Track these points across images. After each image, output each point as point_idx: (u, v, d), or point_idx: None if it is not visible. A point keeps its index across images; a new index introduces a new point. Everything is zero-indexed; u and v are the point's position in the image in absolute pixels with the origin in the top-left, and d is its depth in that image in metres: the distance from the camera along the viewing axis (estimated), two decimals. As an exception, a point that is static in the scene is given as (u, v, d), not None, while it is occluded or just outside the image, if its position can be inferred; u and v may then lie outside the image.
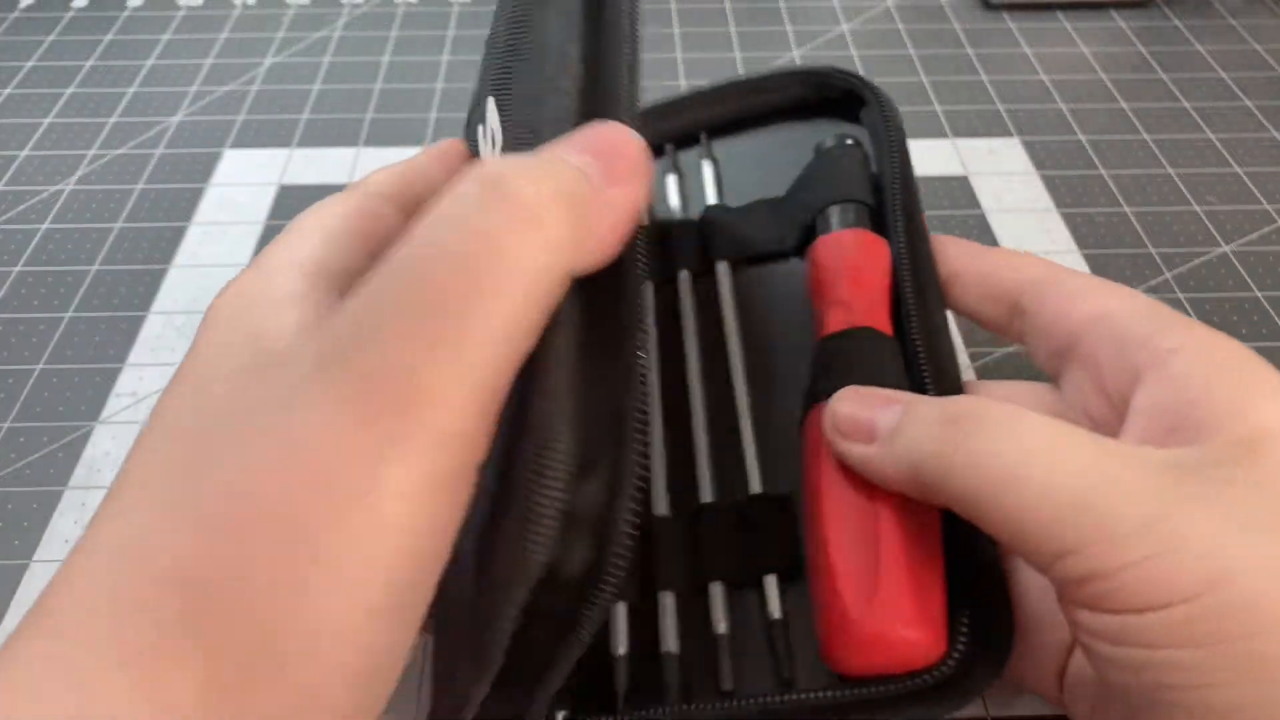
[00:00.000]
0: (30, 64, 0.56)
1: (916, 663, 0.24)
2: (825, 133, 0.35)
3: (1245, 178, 0.48)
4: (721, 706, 0.25)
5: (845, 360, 0.28)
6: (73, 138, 0.50)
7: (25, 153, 0.49)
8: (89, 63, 0.56)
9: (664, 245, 0.35)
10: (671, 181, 0.37)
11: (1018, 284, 0.28)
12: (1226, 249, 0.44)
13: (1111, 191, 0.47)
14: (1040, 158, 0.49)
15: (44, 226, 0.45)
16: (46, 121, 0.52)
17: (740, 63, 0.56)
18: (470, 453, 0.17)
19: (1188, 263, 0.43)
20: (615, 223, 0.19)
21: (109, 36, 0.58)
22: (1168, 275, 0.44)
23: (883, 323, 0.29)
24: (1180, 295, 0.43)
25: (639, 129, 0.20)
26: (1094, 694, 0.24)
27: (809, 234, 0.32)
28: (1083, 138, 0.50)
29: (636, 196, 0.19)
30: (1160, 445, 0.22)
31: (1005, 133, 0.51)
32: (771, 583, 0.27)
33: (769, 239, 0.34)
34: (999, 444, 0.21)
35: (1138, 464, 0.20)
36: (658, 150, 0.38)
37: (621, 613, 0.28)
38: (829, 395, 0.26)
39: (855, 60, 0.56)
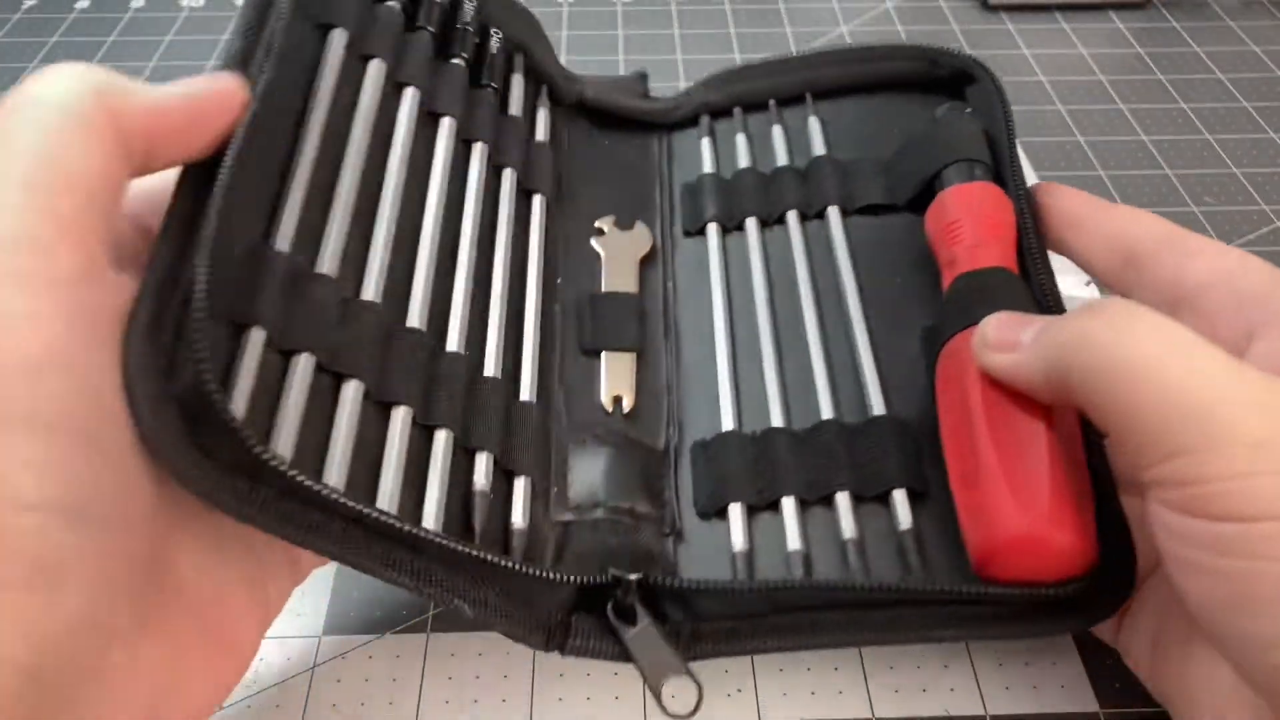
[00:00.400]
0: (34, 65, 0.56)
1: (1070, 570, 0.25)
2: (930, 107, 0.37)
3: (1242, 178, 0.48)
4: (853, 586, 0.26)
5: (989, 292, 0.29)
6: (75, 139, 0.51)
7: (28, 154, 0.50)
8: (92, 64, 0.56)
9: (768, 187, 0.37)
10: (778, 132, 0.39)
11: (1137, 238, 0.29)
12: (1223, 250, 0.44)
13: (1110, 192, 0.47)
14: (1039, 159, 0.49)
15: (47, 227, 0.46)
16: (49, 122, 0.52)
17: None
18: (86, 256, 0.20)
19: (1185, 263, 0.44)
20: (189, 111, 0.23)
21: (112, 37, 0.58)
22: (1165, 276, 0.44)
23: (1012, 267, 0.30)
24: (1177, 296, 0.43)
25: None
26: (1155, 628, 0.26)
27: (925, 190, 0.34)
28: (1081, 139, 0.51)
29: (209, 91, 0.23)
30: None
31: (1004, 134, 0.51)
32: (900, 497, 0.29)
33: (879, 191, 0.36)
34: (1139, 336, 0.22)
35: (1266, 386, 0.21)
36: (760, 106, 0.40)
37: (738, 513, 0.29)
38: (975, 322, 0.27)
39: (854, 61, 0.56)
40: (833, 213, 0.36)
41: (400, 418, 0.27)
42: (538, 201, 0.35)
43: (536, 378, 0.31)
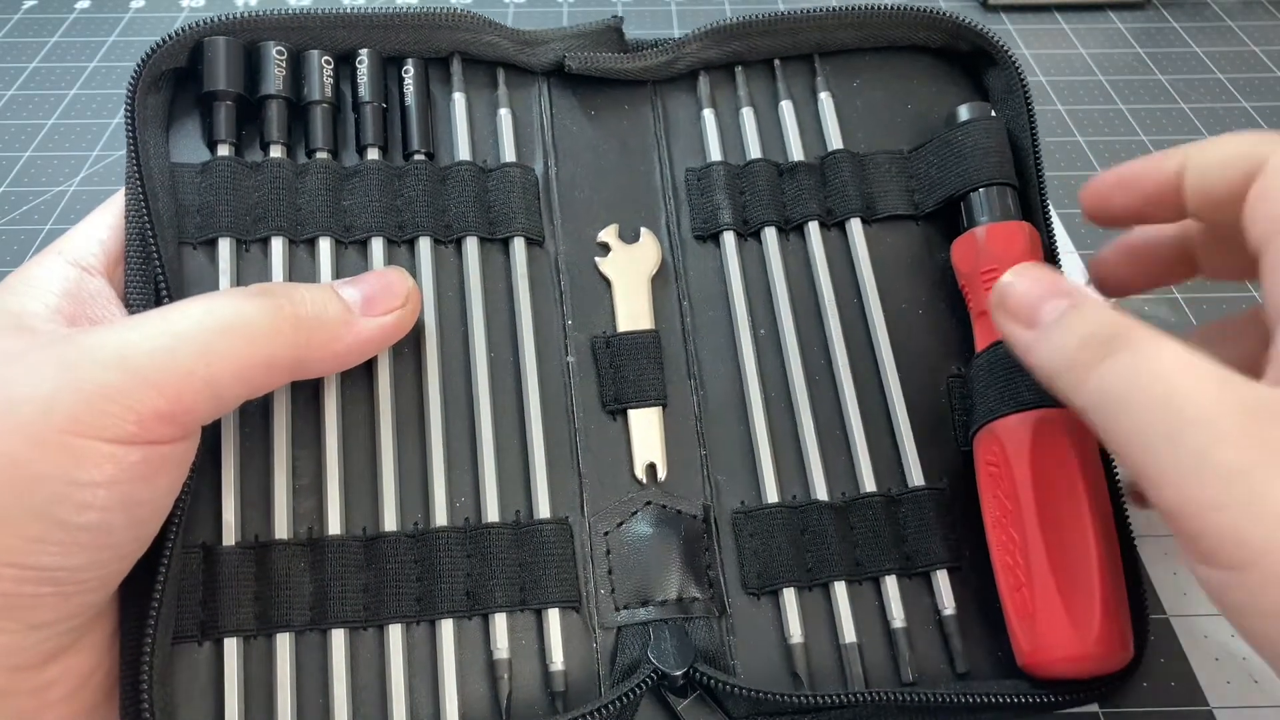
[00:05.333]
0: (33, 65, 0.56)
1: (1112, 669, 0.27)
2: (946, 84, 0.36)
3: (1242, 179, 0.48)
4: (904, 698, 0.27)
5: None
6: (76, 139, 0.51)
7: (28, 154, 0.50)
8: (92, 64, 0.56)
9: (784, 186, 0.35)
10: (787, 110, 0.36)
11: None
12: (1223, 249, 0.44)
13: (1109, 192, 0.47)
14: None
15: (47, 228, 0.46)
16: (50, 123, 0.52)
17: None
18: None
19: (1185, 263, 0.44)
20: (359, 342, 0.27)
21: (112, 38, 0.58)
22: (1165, 276, 0.44)
23: None
24: (1178, 295, 0.43)
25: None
26: None
27: (949, 205, 0.34)
28: (1080, 139, 0.51)
29: (389, 325, 0.28)
30: None
31: (1004, 134, 0.51)
32: (943, 577, 0.30)
33: (901, 197, 0.35)
34: (1132, 370, 0.21)
35: (1248, 409, 0.19)
36: (766, 63, 0.37)
37: (791, 600, 0.29)
38: (1021, 407, 0.28)
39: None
40: (855, 226, 0.34)
41: (395, 637, 0.28)
42: (517, 247, 0.33)
43: (550, 493, 0.30)
